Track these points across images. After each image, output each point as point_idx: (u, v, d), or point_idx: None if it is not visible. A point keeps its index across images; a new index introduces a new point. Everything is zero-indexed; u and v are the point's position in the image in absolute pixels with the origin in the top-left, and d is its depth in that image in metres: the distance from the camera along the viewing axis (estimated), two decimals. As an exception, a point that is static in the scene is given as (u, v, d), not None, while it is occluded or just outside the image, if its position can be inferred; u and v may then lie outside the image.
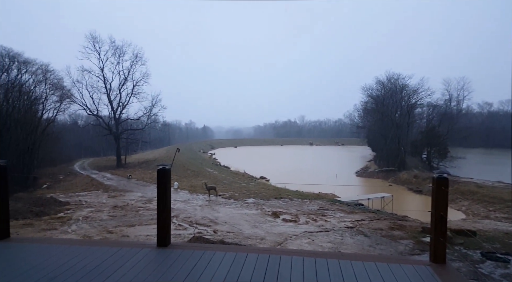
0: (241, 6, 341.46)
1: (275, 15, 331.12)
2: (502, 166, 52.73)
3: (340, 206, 15.75)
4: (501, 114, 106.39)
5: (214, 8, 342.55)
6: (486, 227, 12.84)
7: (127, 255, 3.77)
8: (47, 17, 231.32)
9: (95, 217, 12.43)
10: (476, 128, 78.93)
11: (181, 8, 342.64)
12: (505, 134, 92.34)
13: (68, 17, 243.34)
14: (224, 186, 23.13)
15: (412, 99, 49.07)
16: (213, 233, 9.85)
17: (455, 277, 3.49)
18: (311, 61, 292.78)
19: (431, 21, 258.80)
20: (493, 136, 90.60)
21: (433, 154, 46.12)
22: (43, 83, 33.75)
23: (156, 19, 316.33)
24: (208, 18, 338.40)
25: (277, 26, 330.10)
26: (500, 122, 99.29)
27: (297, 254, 3.99)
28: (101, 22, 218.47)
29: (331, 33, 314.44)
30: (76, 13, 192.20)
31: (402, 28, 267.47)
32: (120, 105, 42.18)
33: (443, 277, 3.35)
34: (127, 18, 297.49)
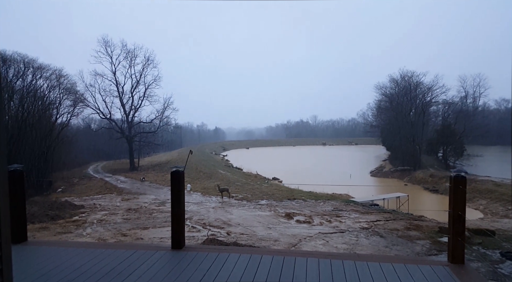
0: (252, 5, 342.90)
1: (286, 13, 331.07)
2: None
3: (355, 207, 15.56)
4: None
5: (224, 8, 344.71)
6: (505, 227, 12.48)
7: (142, 258, 3.79)
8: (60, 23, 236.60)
9: (109, 220, 12.60)
10: (493, 125, 76.88)
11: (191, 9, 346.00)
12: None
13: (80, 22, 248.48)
14: (236, 188, 23.14)
15: (427, 96, 48.17)
16: (227, 235, 9.86)
17: (474, 277, 3.39)
18: (323, 59, 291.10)
19: (445, 17, 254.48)
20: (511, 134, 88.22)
21: (449, 153, 45.16)
22: (57, 88, 34.45)
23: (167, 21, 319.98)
24: (218, 19, 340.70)
25: (288, 24, 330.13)
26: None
27: (312, 255, 3.95)
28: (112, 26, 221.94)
29: (343, 31, 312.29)
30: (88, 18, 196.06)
31: (416, 24, 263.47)
32: (133, 108, 42.76)
33: (462, 278, 3.27)
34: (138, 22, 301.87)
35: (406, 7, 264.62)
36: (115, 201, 18.49)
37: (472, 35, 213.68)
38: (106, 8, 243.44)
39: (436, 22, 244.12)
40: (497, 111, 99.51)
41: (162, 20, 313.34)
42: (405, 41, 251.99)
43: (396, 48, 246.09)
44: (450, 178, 3.69)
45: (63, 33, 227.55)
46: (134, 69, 42.23)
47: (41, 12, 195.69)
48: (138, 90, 42.73)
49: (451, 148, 44.66)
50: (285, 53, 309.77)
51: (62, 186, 28.83)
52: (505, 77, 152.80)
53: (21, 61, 30.97)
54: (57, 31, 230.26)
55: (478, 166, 41.81)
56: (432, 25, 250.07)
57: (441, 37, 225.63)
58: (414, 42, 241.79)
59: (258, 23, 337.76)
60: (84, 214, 14.03)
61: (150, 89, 42.82)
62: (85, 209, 15.34)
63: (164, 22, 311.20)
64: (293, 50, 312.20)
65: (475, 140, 51.62)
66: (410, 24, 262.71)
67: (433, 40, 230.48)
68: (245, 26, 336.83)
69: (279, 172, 38.14)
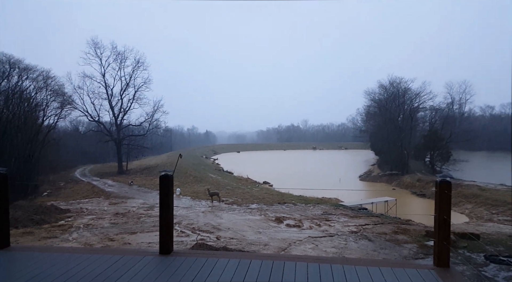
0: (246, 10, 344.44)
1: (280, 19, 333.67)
2: (505, 168, 52.53)
3: (344, 211, 15.67)
4: (503, 117, 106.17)
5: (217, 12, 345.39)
6: (489, 230, 12.73)
7: (129, 263, 3.75)
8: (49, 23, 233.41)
9: (96, 225, 12.41)
10: (478, 131, 78.58)
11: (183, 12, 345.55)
12: (506, 137, 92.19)
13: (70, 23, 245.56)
14: (227, 192, 23.07)
15: (415, 102, 49.10)
16: (216, 239, 9.81)
17: (459, 280, 3.46)
18: (315, 65, 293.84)
19: (432, 26, 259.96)
20: (495, 139, 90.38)
21: (436, 158, 45.96)
22: (44, 89, 33.86)
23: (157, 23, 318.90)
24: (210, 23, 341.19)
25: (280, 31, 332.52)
26: (502, 124, 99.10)
27: (301, 259, 3.97)
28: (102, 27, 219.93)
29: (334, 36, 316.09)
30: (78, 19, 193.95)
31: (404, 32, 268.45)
32: (122, 111, 42.33)
33: (447, 281, 3.32)
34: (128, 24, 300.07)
35: (393, 16, 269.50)
36: (102, 205, 18.23)
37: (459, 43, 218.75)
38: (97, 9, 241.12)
39: (424, 31, 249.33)
40: (482, 117, 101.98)
41: (153, 23, 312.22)
42: (394, 47, 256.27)
43: (385, 55, 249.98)
44: (436, 183, 3.76)
45: (52, 34, 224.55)
46: (124, 71, 41.91)
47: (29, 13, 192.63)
48: (127, 93, 42.38)
49: (438, 153, 45.47)
50: (277, 59, 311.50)
51: (48, 190, 28.29)
52: (489, 84, 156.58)
53: (6, 62, 30.39)
54: (45, 31, 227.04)
55: (464, 171, 42.62)
56: (419, 33, 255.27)
57: (428, 44, 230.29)
58: (403, 49, 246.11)
59: (250, 28, 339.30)
60: (70, 219, 13.78)
61: (140, 91, 42.53)
62: (71, 213, 15.07)
63: (155, 25, 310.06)
64: (286, 55, 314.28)
65: (461, 146, 52.67)
66: (398, 32, 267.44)
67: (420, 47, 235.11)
68: (237, 31, 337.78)
69: (270, 176, 38.17)
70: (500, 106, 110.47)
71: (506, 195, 24.14)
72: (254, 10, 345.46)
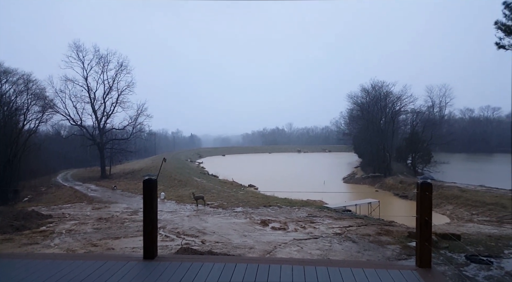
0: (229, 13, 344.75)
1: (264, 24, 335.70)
2: (484, 170, 54.25)
3: (328, 213, 15.81)
4: (482, 120, 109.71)
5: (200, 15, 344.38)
6: (470, 231, 13.08)
7: (113, 269, 3.68)
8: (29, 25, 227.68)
9: (79, 230, 12.13)
10: (458, 133, 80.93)
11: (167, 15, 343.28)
12: (486, 139, 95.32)
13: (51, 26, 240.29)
14: (212, 195, 22.95)
15: (396, 106, 50.22)
16: (201, 243, 9.74)
17: (440, 281, 3.54)
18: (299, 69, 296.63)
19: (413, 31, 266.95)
20: (475, 141, 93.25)
21: (418, 160, 47.04)
22: (24, 93, 33.07)
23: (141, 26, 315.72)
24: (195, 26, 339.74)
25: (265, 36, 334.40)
26: (481, 127, 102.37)
27: (286, 262, 3.99)
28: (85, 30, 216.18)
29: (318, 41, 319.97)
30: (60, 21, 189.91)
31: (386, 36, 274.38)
32: (105, 115, 41.70)
33: (429, 281, 3.40)
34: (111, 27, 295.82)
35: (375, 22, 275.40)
36: (85, 210, 17.84)
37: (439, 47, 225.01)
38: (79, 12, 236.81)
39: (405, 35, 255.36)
40: (462, 120, 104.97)
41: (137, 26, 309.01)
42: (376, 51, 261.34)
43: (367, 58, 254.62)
44: (417, 184, 3.85)
45: (33, 36, 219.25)
46: (107, 75, 41.35)
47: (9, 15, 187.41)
48: (110, 96, 41.81)
49: (419, 155, 46.57)
50: (263, 63, 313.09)
51: (28, 195, 27.50)
52: (469, 87, 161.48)
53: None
54: (26, 34, 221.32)
55: (444, 172, 43.74)
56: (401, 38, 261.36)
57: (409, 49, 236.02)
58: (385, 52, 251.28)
59: (235, 32, 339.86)
60: (52, 224, 13.42)
61: (123, 95, 42.03)
62: (53, 219, 14.68)
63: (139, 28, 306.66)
64: (270, 59, 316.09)
65: (442, 148, 54.12)
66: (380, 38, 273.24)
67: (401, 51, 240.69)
68: (222, 35, 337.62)
69: (255, 179, 38.18)
70: (479, 109, 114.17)
71: (485, 196, 24.88)
72: (240, 13, 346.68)
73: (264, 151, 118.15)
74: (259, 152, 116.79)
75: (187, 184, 30.73)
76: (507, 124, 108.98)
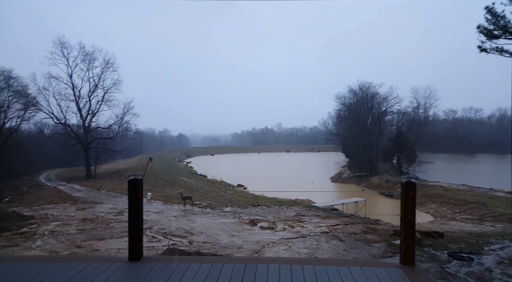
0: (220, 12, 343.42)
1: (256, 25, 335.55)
2: (466, 170, 55.59)
3: (316, 212, 15.93)
4: (465, 121, 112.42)
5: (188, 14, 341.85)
6: (452, 229, 13.38)
7: (97, 271, 3.62)
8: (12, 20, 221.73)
9: (62, 231, 11.88)
10: (442, 134, 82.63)
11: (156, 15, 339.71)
12: (468, 140, 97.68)
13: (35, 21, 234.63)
14: (200, 195, 22.81)
15: (382, 106, 51.01)
16: (189, 244, 9.67)
17: (423, 278, 3.61)
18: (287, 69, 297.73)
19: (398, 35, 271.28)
20: (458, 142, 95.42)
21: (403, 159, 47.84)
22: (5, 90, 32.21)
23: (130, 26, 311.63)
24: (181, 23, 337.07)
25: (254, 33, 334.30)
26: (464, 128, 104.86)
27: (274, 262, 4.00)
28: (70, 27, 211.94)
29: (306, 41, 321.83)
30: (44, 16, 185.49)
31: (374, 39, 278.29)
32: (90, 113, 40.93)
33: (413, 279, 3.46)
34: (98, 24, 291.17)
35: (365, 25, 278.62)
36: (69, 210, 17.48)
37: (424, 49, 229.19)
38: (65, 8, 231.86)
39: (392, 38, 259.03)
40: (446, 121, 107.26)
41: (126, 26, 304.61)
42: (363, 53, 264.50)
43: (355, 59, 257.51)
44: (402, 184, 3.91)
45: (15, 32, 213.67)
46: (93, 72, 40.59)
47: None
48: (96, 94, 41.07)
49: (405, 155, 47.37)
50: (251, 63, 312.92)
51: (9, 196, 26.78)
52: (452, 89, 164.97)
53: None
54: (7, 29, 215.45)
55: (428, 172, 44.63)
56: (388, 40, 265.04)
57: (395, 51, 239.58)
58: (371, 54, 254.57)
59: (223, 30, 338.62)
60: (34, 225, 13.10)
61: (109, 93, 41.33)
62: (35, 220, 14.32)
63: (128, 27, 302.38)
64: (260, 59, 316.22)
65: (426, 148, 55.18)
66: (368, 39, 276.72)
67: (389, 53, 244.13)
68: (211, 34, 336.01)
69: (244, 178, 38.16)
70: (462, 110, 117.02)
71: (467, 194, 25.48)
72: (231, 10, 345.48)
73: (253, 151, 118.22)
74: (248, 151, 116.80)
75: (174, 184, 30.47)
76: (488, 125, 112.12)
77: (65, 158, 50.65)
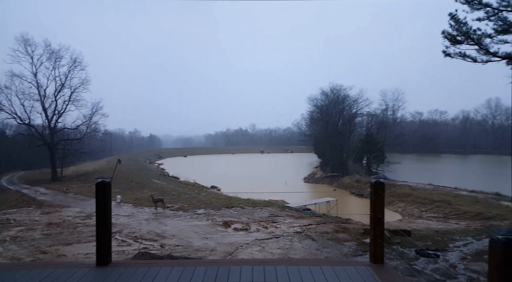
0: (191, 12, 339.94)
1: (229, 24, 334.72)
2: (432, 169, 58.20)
3: (290, 212, 16.07)
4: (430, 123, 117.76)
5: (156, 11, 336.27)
6: (419, 227, 13.94)
7: (62, 277, 3.46)
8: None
9: (25, 237, 11.29)
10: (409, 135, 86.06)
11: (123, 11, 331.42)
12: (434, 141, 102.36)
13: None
14: (172, 198, 22.41)
15: (353, 108, 52.53)
16: (160, 247, 9.47)
17: (392, 275, 3.72)
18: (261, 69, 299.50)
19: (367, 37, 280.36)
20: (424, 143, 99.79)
21: (372, 160, 49.37)
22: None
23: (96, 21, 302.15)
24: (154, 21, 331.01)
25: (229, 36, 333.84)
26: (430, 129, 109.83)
27: (247, 263, 3.99)
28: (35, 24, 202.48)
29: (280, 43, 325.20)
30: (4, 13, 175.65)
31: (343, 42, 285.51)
32: (56, 113, 39.17)
33: (382, 277, 3.56)
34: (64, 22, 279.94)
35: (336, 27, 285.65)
36: (33, 215, 16.63)
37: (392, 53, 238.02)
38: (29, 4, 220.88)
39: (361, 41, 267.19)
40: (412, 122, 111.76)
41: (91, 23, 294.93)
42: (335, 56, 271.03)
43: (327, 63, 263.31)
44: (371, 184, 4.02)
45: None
46: (59, 71, 38.87)
47: None
48: (62, 94, 39.33)
49: (374, 156, 48.93)
50: (224, 62, 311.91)
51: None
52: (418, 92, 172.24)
53: None
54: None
55: (397, 172, 46.33)
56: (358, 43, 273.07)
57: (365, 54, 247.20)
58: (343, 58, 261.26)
59: (197, 29, 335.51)
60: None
61: (77, 92, 39.73)
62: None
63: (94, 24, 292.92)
64: (233, 59, 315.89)
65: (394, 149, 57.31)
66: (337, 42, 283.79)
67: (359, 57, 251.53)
68: (183, 32, 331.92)
69: (218, 180, 37.89)
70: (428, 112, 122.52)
71: (433, 193, 26.64)
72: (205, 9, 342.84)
73: (227, 152, 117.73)
74: (222, 153, 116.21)
75: (145, 186, 29.77)
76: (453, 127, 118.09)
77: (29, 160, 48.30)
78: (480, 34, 12.68)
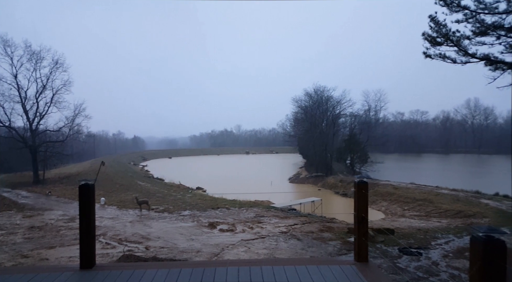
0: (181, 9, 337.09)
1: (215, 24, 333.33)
2: (413, 168, 59.48)
3: (275, 212, 16.15)
4: (412, 123, 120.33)
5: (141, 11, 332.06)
6: (402, 225, 14.24)
7: (45, 281, 3.40)
8: None
9: (6, 241, 10.97)
10: (391, 135, 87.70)
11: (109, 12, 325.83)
12: (415, 140, 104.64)
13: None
14: (157, 200, 22.17)
15: (336, 109, 53.24)
16: (145, 250, 9.37)
17: (376, 274, 3.81)
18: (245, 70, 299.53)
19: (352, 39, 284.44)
20: (406, 143, 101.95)
21: (356, 160, 50.14)
22: None
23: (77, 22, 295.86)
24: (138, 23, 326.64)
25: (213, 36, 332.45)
26: (411, 129, 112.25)
27: (232, 264, 4.01)
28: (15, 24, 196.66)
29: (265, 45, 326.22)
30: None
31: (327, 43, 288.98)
32: (38, 115, 38.17)
33: (366, 275, 3.64)
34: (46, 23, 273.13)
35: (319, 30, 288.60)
36: (14, 218, 16.16)
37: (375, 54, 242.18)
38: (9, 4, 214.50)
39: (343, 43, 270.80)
40: (394, 123, 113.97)
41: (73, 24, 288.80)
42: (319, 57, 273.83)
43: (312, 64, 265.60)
44: (354, 183, 4.11)
45: None
46: (40, 73, 37.80)
47: None
48: (44, 95, 38.27)
49: (357, 156, 49.72)
50: (209, 63, 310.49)
51: None
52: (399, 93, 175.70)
53: None
54: None
55: (380, 171, 47.15)
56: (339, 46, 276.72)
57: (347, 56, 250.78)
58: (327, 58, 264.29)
59: (183, 31, 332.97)
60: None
61: (59, 94, 38.73)
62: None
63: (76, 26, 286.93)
64: (217, 60, 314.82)
65: (377, 149, 58.35)
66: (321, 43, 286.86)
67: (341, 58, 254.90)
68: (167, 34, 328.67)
69: (203, 181, 37.68)
70: (409, 113, 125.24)
71: (415, 192, 27.21)
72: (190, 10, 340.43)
73: (212, 153, 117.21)
74: (208, 154, 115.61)
75: (130, 188, 29.35)
76: (433, 127, 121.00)
77: (10, 163, 46.78)
78: (459, 36, 13.05)
